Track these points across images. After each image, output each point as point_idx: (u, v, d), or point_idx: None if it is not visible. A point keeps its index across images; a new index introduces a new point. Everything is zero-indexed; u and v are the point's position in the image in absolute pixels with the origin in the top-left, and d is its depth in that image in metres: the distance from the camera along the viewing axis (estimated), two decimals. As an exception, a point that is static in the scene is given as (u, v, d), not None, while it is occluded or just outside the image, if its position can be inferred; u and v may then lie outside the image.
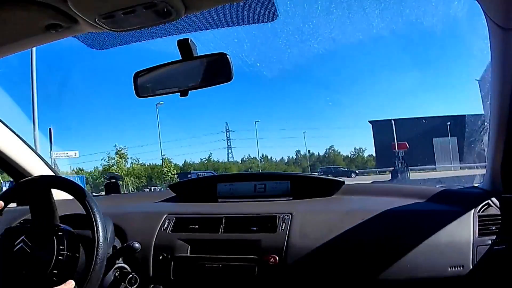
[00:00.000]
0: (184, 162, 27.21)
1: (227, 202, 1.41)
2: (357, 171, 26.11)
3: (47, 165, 1.53)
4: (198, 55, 0.95)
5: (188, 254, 1.18)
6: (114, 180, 1.70)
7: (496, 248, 1.02)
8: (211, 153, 31.48)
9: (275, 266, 1.09)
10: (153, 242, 1.20)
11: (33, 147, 1.50)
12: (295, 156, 32.38)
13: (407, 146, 18.30)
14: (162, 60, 1.01)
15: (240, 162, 30.30)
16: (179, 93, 0.99)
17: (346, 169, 26.63)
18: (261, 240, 1.14)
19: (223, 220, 1.22)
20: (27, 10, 0.72)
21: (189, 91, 0.99)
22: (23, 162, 1.43)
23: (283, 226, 1.15)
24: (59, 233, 0.99)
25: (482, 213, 1.09)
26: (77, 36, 0.89)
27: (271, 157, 32.56)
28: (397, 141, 18.41)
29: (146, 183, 21.62)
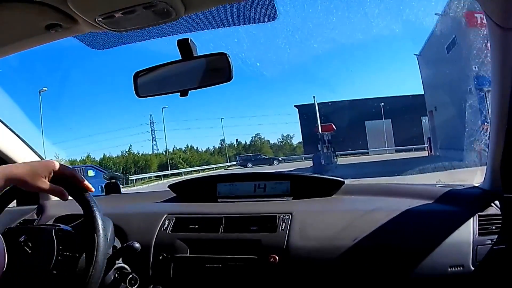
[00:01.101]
0: (103, 156, 26.32)
1: (227, 202, 1.41)
2: (280, 158, 25.39)
3: None
4: (198, 55, 0.95)
5: (188, 254, 1.18)
6: (114, 180, 1.70)
7: (496, 248, 1.02)
8: (131, 146, 31.02)
9: (275, 266, 1.09)
10: (153, 242, 1.21)
11: (33, 147, 1.50)
12: (219, 146, 31.86)
13: (334, 128, 16.96)
14: (162, 60, 1.01)
15: (163, 153, 29.45)
16: (179, 93, 0.99)
17: (267, 157, 25.83)
18: (261, 240, 1.14)
19: (223, 220, 1.22)
20: (27, 10, 0.73)
21: (189, 91, 0.99)
22: (22, 161, 1.43)
23: (283, 226, 1.15)
24: (59, 233, 0.99)
25: (482, 213, 1.09)
26: (77, 36, 0.90)
27: (197, 147, 31.75)
28: (321, 124, 16.72)
29: None
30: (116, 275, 1.10)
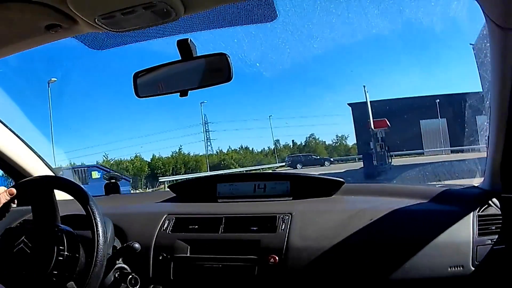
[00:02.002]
0: (153, 156, 25.58)
1: (227, 202, 1.41)
2: (331, 159, 23.59)
3: (47, 165, 1.53)
4: (198, 55, 0.95)
5: (188, 254, 1.18)
6: (114, 181, 1.70)
7: (496, 248, 1.02)
8: (181, 146, 29.61)
9: (275, 266, 1.09)
10: (153, 242, 1.21)
11: (33, 148, 1.50)
12: (273, 147, 30.31)
13: (388, 124, 14.94)
14: (162, 60, 1.01)
15: (215, 154, 28.47)
16: (178, 93, 0.99)
17: (318, 157, 24.07)
18: (260, 240, 1.14)
19: (223, 220, 1.22)
20: (27, 10, 0.73)
21: (189, 91, 0.99)
22: (23, 162, 1.43)
23: (283, 226, 1.15)
24: (59, 233, 1.00)
25: (482, 213, 1.09)
26: (76, 36, 0.90)
27: (252, 148, 30.30)
28: (373, 119, 14.76)
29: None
30: (116, 275, 1.10)
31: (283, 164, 24.83)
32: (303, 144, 29.78)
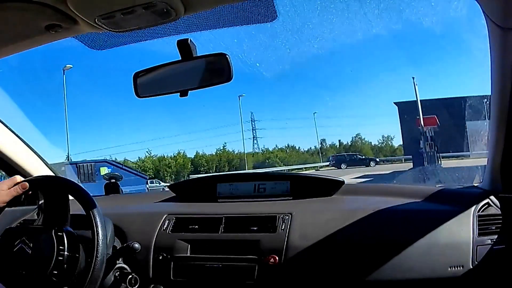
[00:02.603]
0: (196, 153, 25.46)
1: (227, 202, 1.41)
2: (377, 159, 22.36)
3: (46, 165, 1.53)
4: (198, 55, 0.95)
5: (188, 254, 1.18)
6: (114, 180, 1.70)
7: (496, 248, 1.02)
8: (225, 143, 28.88)
9: (275, 266, 1.09)
10: (153, 242, 1.21)
11: (33, 147, 1.49)
12: (319, 146, 29.69)
13: (437, 122, 13.82)
14: (162, 60, 1.01)
15: (261, 152, 28.30)
16: (178, 93, 0.99)
17: (363, 157, 22.77)
18: (261, 240, 1.14)
19: (223, 220, 1.23)
20: (27, 10, 0.73)
21: (189, 91, 0.99)
22: (22, 162, 1.43)
23: (283, 226, 1.15)
24: (59, 233, 1.00)
25: (482, 213, 1.09)
26: (77, 37, 0.90)
27: (299, 147, 30.05)
28: (423, 116, 13.45)
29: (153, 176, 21.06)
30: (116, 275, 1.10)
31: (327, 163, 23.99)
32: (349, 144, 29.41)
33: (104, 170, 11.02)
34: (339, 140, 29.77)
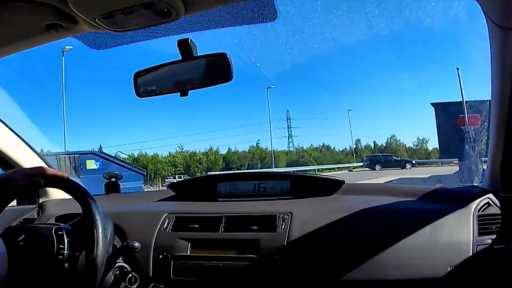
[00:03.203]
0: (228, 149, 25.30)
1: (227, 201, 1.41)
2: (413, 161, 21.18)
3: (44, 162, 1.53)
4: (198, 55, 0.95)
5: (188, 253, 1.18)
6: (114, 179, 1.70)
7: (496, 248, 1.03)
8: (258, 140, 28.78)
9: (275, 266, 1.09)
10: (153, 241, 1.21)
11: (30, 144, 1.49)
12: (354, 146, 29.39)
13: (480, 121, 13.33)
14: (162, 60, 1.01)
15: (295, 151, 28.18)
16: (179, 93, 1.00)
17: (399, 159, 21.69)
18: (261, 240, 1.14)
19: (223, 219, 1.23)
20: (27, 10, 0.73)
21: (189, 91, 0.99)
22: (18, 158, 1.42)
23: (283, 226, 1.16)
24: (59, 232, 1.00)
25: (482, 213, 1.09)
26: (77, 36, 0.90)
27: (334, 147, 29.80)
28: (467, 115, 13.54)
29: (183, 171, 21.14)
30: (116, 274, 1.10)
31: (361, 164, 23.09)
32: (384, 145, 29.11)
33: (91, 164, 9.46)
34: (374, 141, 29.61)
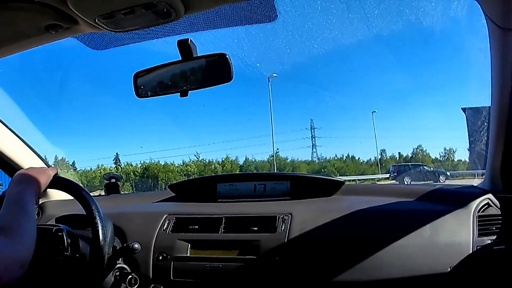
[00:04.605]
0: (245, 159, 24.95)
1: (227, 202, 1.41)
2: (448, 173, 18.86)
3: (45, 164, 1.53)
4: (198, 55, 0.95)
5: (188, 254, 1.18)
6: (114, 180, 1.70)
7: (496, 248, 1.02)
8: (278, 149, 27.74)
9: (275, 266, 1.09)
10: (153, 242, 1.21)
11: (31, 145, 1.48)
12: (379, 157, 27.52)
13: None
14: (162, 61, 1.01)
15: (317, 161, 26.96)
16: (179, 94, 0.99)
17: (431, 169, 19.50)
18: (261, 240, 1.14)
19: (223, 220, 1.23)
20: (27, 10, 0.73)
21: (189, 92, 0.99)
22: (19, 160, 1.42)
23: (283, 226, 1.15)
24: (59, 233, 0.99)
25: (482, 213, 1.09)
26: (77, 37, 0.90)
27: (358, 158, 28.39)
28: None
29: None
30: (116, 275, 1.10)
31: (387, 176, 20.18)
32: (410, 156, 27.22)
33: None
34: (399, 152, 27.98)
